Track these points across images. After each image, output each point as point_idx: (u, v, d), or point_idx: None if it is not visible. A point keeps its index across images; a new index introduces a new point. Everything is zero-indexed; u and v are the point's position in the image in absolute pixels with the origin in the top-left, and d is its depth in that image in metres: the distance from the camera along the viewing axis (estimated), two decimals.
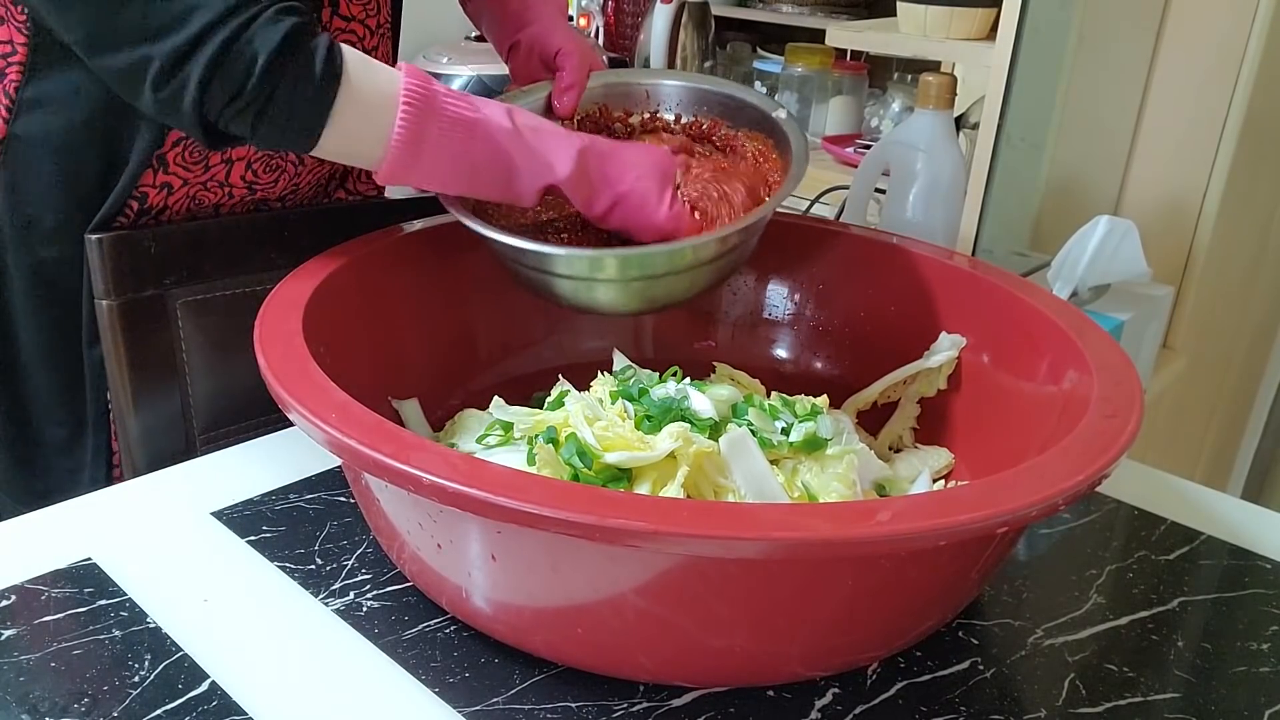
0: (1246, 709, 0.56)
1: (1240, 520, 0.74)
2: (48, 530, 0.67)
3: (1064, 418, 0.60)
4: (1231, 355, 1.56)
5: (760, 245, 0.78)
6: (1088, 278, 1.06)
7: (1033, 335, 0.70)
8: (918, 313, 0.80)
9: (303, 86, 0.64)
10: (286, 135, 0.66)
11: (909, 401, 0.79)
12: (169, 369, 0.80)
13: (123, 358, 0.77)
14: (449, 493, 0.46)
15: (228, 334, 0.81)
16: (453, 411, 0.77)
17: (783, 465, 0.66)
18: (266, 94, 0.64)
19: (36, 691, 0.53)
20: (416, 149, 0.67)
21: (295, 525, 0.68)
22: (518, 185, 0.70)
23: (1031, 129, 1.15)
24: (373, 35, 0.86)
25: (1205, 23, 1.25)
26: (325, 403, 0.53)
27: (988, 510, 0.47)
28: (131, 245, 0.76)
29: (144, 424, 0.79)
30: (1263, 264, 1.54)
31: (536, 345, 0.85)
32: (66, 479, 0.83)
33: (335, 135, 0.66)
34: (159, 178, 0.77)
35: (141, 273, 0.77)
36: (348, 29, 0.84)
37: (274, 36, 0.63)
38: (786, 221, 0.87)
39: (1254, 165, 1.32)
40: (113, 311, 0.76)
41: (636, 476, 0.61)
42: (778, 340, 0.88)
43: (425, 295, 0.78)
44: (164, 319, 0.79)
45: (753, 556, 0.47)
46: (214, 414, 0.83)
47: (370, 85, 0.66)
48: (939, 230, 1.04)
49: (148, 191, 0.77)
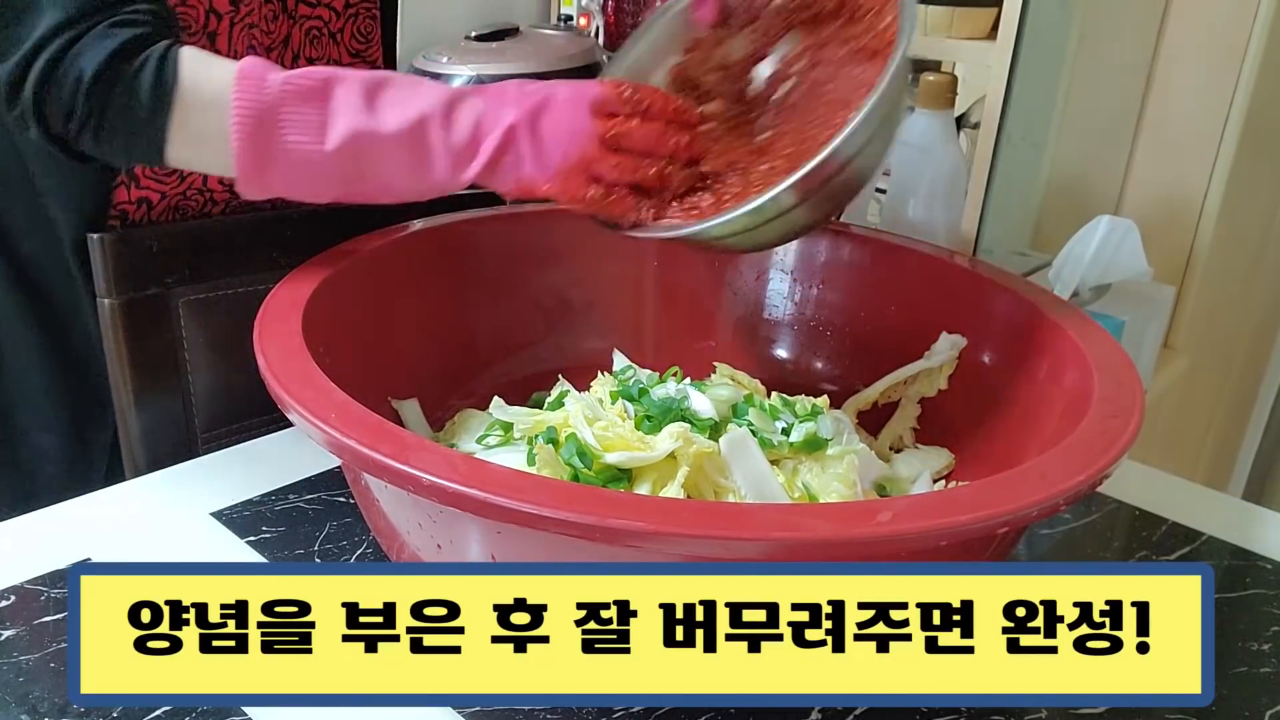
0: (1247, 709, 0.56)
1: (1241, 521, 0.74)
2: (47, 530, 0.67)
3: (1065, 418, 0.60)
4: (1233, 355, 1.56)
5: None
6: (1088, 278, 1.06)
7: (1033, 335, 0.70)
8: (918, 313, 0.80)
9: (133, 100, 0.61)
10: (132, 151, 0.64)
11: (909, 401, 0.79)
12: (170, 368, 0.80)
13: (124, 357, 0.77)
14: (449, 493, 0.46)
15: (229, 333, 0.81)
16: (453, 412, 0.77)
17: (783, 465, 0.66)
18: (98, 110, 0.61)
19: (36, 692, 0.53)
20: (261, 154, 0.62)
21: (295, 526, 0.68)
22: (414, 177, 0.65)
23: (1032, 129, 1.15)
24: (339, 17, 0.84)
25: (1206, 22, 1.25)
26: (325, 403, 0.53)
27: (988, 510, 0.47)
28: (133, 244, 0.76)
29: (145, 423, 0.79)
30: (1264, 264, 1.54)
31: (536, 345, 0.85)
32: (57, 485, 0.81)
33: (182, 147, 0.63)
34: (133, 193, 0.76)
35: (143, 271, 0.77)
36: (313, 14, 0.82)
37: (101, 52, 0.61)
38: None
39: (1255, 164, 1.32)
40: (114, 310, 0.76)
41: (636, 477, 0.61)
42: (778, 340, 0.88)
43: (425, 295, 0.78)
44: (166, 318, 0.79)
45: (753, 557, 0.46)
46: (216, 413, 0.83)
47: (207, 90, 0.62)
48: (939, 230, 1.03)
49: (127, 210, 0.76)
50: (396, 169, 0.65)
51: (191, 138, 0.63)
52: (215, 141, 0.62)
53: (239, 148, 0.62)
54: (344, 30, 0.84)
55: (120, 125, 0.62)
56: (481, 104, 0.65)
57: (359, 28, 0.86)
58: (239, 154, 0.62)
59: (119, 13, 0.63)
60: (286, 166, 0.63)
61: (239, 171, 0.63)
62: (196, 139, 0.63)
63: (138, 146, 0.63)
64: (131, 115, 0.62)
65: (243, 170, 0.63)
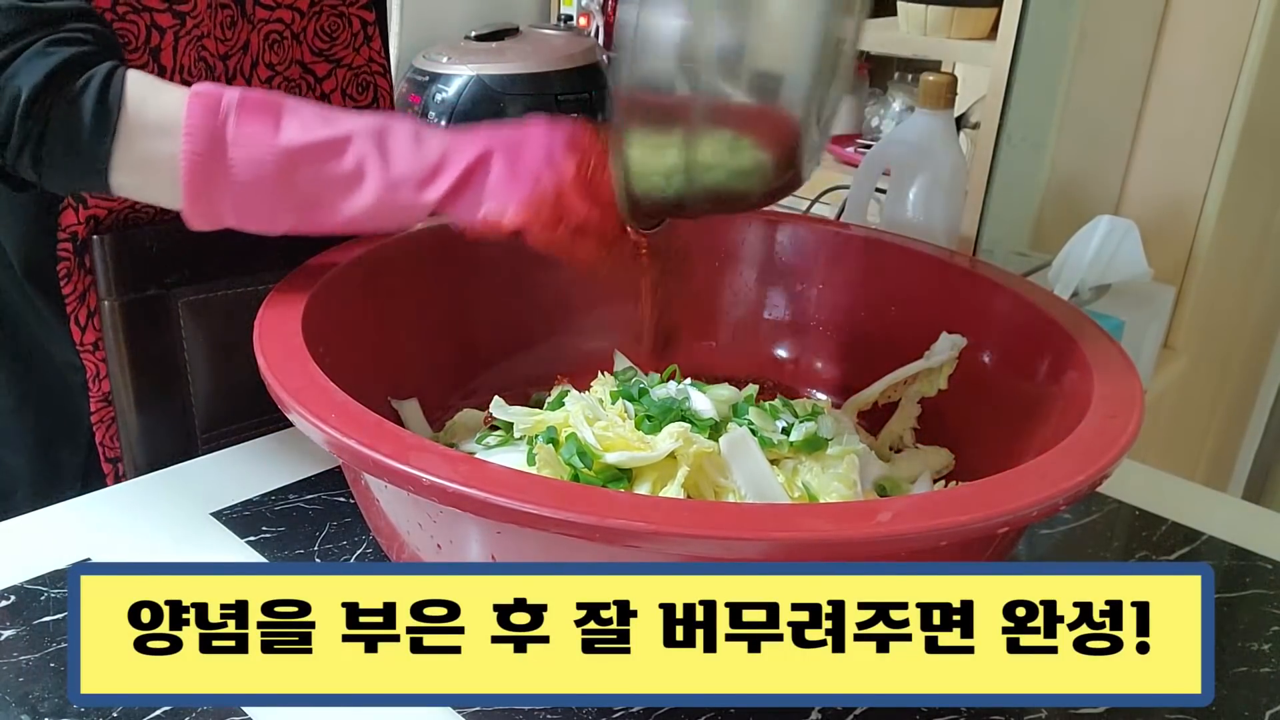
0: (1247, 709, 0.56)
1: (1241, 520, 0.74)
2: (47, 530, 0.67)
3: (1064, 418, 0.60)
4: (1232, 355, 1.56)
5: (760, 245, 0.78)
6: (1088, 278, 1.06)
7: (1033, 335, 0.70)
8: (918, 313, 0.80)
9: (74, 122, 0.58)
10: (72, 177, 0.61)
11: (909, 402, 0.79)
12: (171, 369, 0.80)
13: (124, 358, 0.77)
14: (449, 493, 0.46)
15: (229, 334, 0.80)
16: (453, 412, 0.77)
17: (783, 465, 0.66)
18: (36, 134, 0.58)
19: (36, 691, 0.53)
20: (210, 174, 0.59)
21: (295, 525, 0.68)
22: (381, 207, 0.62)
23: (1032, 129, 1.15)
24: (303, 17, 0.79)
25: (1206, 22, 1.25)
26: (325, 403, 0.53)
27: (988, 510, 0.47)
28: (133, 245, 0.76)
29: (145, 424, 0.79)
30: (1263, 264, 1.54)
31: (536, 345, 0.85)
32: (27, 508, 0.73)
33: (129, 174, 0.60)
34: (81, 213, 0.73)
35: (143, 272, 0.76)
36: (272, 17, 0.78)
37: (38, 72, 0.57)
38: (787, 222, 0.87)
39: (1255, 165, 1.32)
40: (115, 311, 0.76)
41: (636, 476, 0.61)
42: (778, 340, 0.88)
43: (425, 295, 0.78)
44: (166, 319, 0.79)
45: (753, 557, 0.46)
46: (215, 413, 0.83)
47: (154, 113, 0.59)
48: (939, 230, 1.03)
49: (77, 231, 0.73)
50: (354, 186, 0.62)
51: (137, 163, 0.60)
52: (162, 167, 0.59)
53: (188, 168, 0.59)
54: (307, 29, 0.81)
55: (60, 149, 0.59)
56: (450, 134, 0.64)
57: (322, 26, 0.82)
58: (187, 177, 0.59)
59: (58, 30, 0.59)
60: (236, 186, 0.60)
61: (186, 196, 0.60)
62: (142, 164, 0.60)
63: (78, 171, 0.60)
64: (73, 138, 0.58)
65: (190, 194, 0.60)
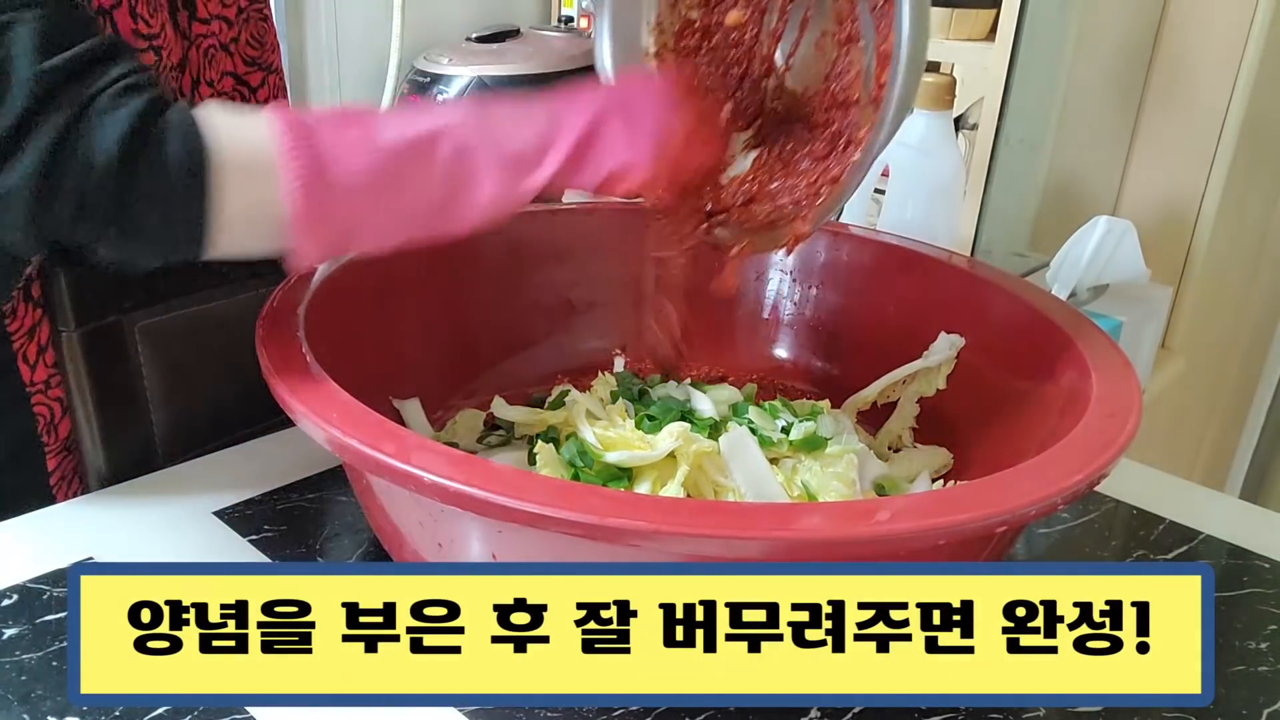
0: (1245, 708, 0.56)
1: (1238, 520, 0.74)
2: (49, 529, 0.67)
3: (1063, 418, 0.60)
4: (1230, 355, 1.57)
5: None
6: (1086, 278, 1.06)
7: (1032, 335, 0.70)
8: (917, 313, 0.80)
9: (161, 185, 0.50)
10: (165, 249, 0.53)
11: (908, 401, 0.79)
12: (130, 399, 0.76)
13: (87, 390, 0.73)
14: (450, 492, 0.46)
15: (187, 357, 0.77)
16: (454, 411, 0.77)
17: (783, 464, 0.67)
18: (115, 204, 0.50)
19: (38, 691, 0.53)
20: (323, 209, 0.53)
21: (296, 524, 0.68)
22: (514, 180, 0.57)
23: (1030, 130, 1.15)
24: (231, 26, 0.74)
25: (1205, 23, 1.25)
26: (327, 403, 0.53)
27: (987, 510, 0.47)
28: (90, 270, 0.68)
29: (110, 457, 0.75)
30: (1261, 264, 1.55)
31: (537, 345, 0.85)
32: None
33: (227, 229, 0.52)
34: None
35: (103, 297, 0.72)
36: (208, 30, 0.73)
37: (117, 128, 0.49)
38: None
39: (1253, 166, 1.33)
40: (72, 343, 0.71)
41: (637, 476, 0.61)
42: (778, 340, 0.88)
43: (427, 295, 0.78)
44: (123, 348, 0.74)
45: (753, 556, 0.47)
46: (179, 439, 0.79)
47: (245, 156, 0.52)
48: (939, 230, 1.04)
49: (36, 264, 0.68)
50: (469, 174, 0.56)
51: (239, 211, 0.52)
52: (264, 211, 0.53)
53: (298, 194, 0.52)
54: (239, 38, 0.77)
55: (148, 216, 0.51)
56: (549, 103, 0.59)
57: (251, 33, 0.78)
58: (301, 204, 0.52)
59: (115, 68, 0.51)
60: (349, 200, 0.54)
61: (298, 225, 0.53)
62: (244, 214, 0.52)
63: (171, 239, 0.52)
64: (161, 201, 0.51)
65: (302, 223, 0.53)
